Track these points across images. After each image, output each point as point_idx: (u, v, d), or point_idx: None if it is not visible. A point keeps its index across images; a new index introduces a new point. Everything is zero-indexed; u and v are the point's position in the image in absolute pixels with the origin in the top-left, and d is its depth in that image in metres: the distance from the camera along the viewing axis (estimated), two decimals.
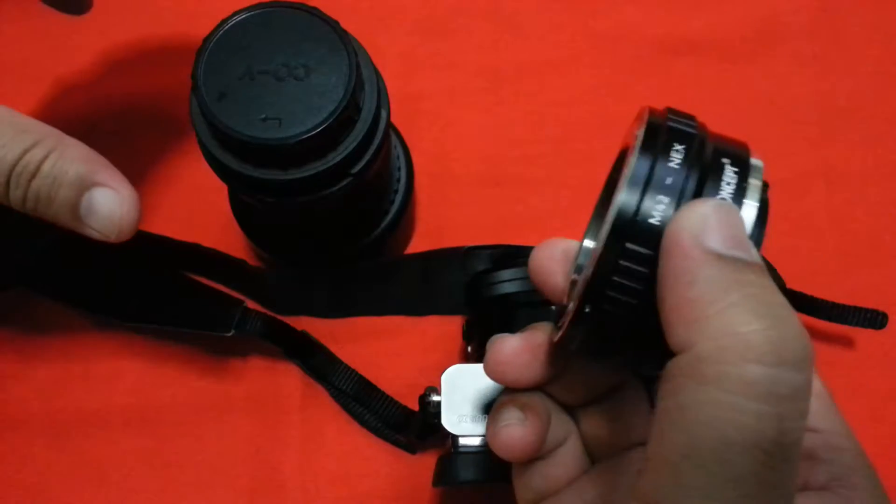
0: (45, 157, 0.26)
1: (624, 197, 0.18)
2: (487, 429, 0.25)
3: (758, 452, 0.16)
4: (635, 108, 0.50)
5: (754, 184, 0.19)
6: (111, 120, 0.43)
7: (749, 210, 0.18)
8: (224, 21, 0.30)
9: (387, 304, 0.40)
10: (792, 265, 0.38)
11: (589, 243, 0.24)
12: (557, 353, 0.24)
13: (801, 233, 0.42)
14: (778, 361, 0.16)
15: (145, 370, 0.39)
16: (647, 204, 0.18)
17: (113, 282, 0.38)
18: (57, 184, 0.26)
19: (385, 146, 0.33)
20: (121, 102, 0.43)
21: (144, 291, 0.39)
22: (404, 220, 0.39)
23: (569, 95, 0.44)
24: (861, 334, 0.39)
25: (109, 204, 0.27)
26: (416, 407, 0.36)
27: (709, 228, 0.17)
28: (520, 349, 0.25)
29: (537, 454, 0.25)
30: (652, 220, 0.18)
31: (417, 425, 0.37)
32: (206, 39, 0.29)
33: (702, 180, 0.18)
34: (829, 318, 0.39)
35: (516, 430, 0.24)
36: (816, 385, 0.23)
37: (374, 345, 0.39)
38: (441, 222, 0.42)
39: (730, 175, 0.19)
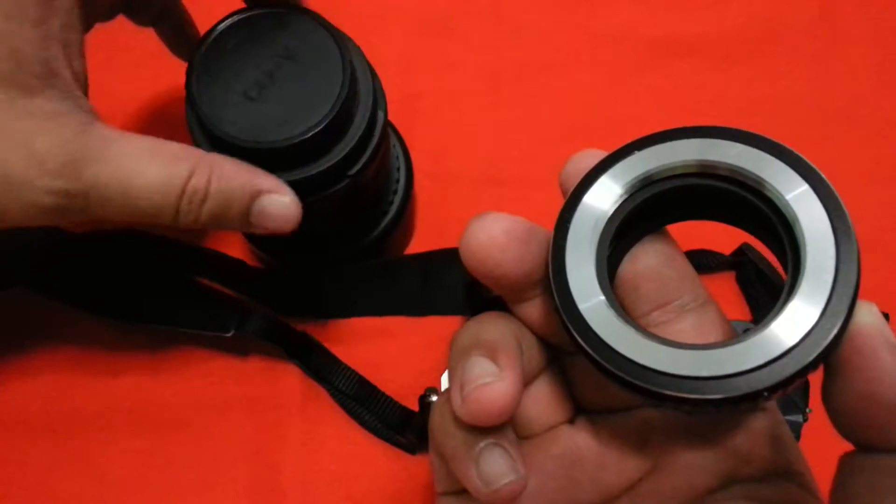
0: (209, 181, 0.27)
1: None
2: (452, 392, 0.20)
3: None
4: (635, 108, 0.50)
5: None
6: (110, 121, 0.43)
7: None
8: (216, 25, 0.30)
9: (387, 304, 0.40)
10: None
11: (612, 186, 0.21)
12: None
13: None
14: None
15: (145, 370, 0.39)
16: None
17: (113, 282, 0.38)
18: (227, 201, 0.28)
19: (383, 147, 0.33)
20: (120, 103, 0.43)
21: (145, 292, 0.39)
22: (404, 220, 0.39)
23: (568, 95, 0.44)
24: None
25: (278, 206, 0.29)
26: (416, 407, 0.36)
27: (884, 323, 0.18)
28: (514, 229, 0.21)
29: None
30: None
31: (417, 426, 0.37)
32: (199, 44, 0.29)
33: None
34: None
35: (495, 390, 0.19)
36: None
37: (374, 345, 0.39)
38: (441, 222, 0.42)
39: None
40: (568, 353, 0.23)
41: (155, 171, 0.26)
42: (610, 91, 0.44)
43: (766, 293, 0.39)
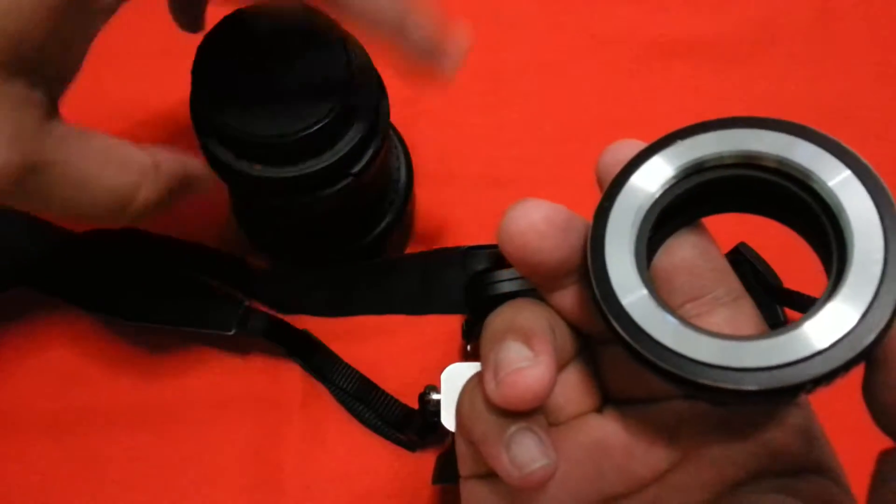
0: (158, 187, 0.28)
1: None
2: (485, 376, 0.20)
3: None
4: (634, 108, 0.50)
5: None
6: (111, 120, 0.43)
7: None
8: (223, 21, 0.30)
9: (387, 304, 0.40)
10: (790, 265, 0.38)
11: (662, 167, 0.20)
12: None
13: None
14: None
15: (146, 369, 0.39)
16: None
17: (114, 281, 0.39)
18: (175, 189, 0.29)
19: (385, 146, 0.33)
20: (121, 102, 0.43)
21: (145, 291, 0.39)
22: (404, 220, 0.39)
23: (568, 96, 0.45)
24: None
25: (205, 184, 0.31)
26: (416, 405, 0.36)
27: None
28: (554, 217, 0.21)
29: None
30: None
31: (417, 424, 0.37)
32: (205, 38, 0.30)
33: None
34: None
35: (530, 375, 0.20)
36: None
37: (375, 344, 0.40)
38: (441, 222, 0.42)
39: None
40: (599, 341, 0.23)
41: (106, 180, 0.27)
42: (609, 92, 0.45)
43: (762, 292, 0.39)
